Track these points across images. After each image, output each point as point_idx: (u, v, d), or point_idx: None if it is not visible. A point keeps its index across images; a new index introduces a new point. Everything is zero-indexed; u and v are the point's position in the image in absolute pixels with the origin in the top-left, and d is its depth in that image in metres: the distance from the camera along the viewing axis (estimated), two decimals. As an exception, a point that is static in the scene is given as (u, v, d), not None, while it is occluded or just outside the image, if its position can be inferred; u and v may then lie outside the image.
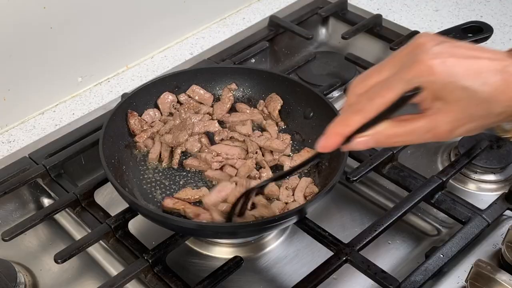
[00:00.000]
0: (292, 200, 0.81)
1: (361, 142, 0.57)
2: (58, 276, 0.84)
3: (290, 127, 0.93)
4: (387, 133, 0.56)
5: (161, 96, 0.93)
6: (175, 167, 0.87)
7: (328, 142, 0.58)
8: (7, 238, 0.79)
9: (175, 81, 0.94)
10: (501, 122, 0.56)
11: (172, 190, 0.84)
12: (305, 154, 0.87)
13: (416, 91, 0.54)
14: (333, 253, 0.76)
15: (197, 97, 0.95)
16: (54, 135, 0.97)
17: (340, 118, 0.57)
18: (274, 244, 0.87)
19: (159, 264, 0.76)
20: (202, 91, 0.95)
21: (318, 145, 0.59)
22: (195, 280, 0.74)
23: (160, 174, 0.87)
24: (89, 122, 0.98)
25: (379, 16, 1.16)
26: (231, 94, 0.95)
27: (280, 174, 0.82)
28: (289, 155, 0.88)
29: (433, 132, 0.55)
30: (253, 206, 0.78)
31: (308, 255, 0.84)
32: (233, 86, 0.96)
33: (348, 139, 0.57)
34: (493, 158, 0.92)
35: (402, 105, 0.55)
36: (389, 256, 0.84)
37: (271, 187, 0.82)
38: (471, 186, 0.92)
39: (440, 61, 0.52)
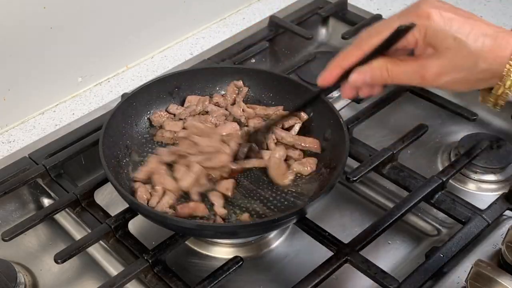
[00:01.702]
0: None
1: (358, 75, 0.62)
2: (58, 276, 0.84)
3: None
4: (381, 67, 0.61)
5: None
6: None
7: (328, 74, 0.64)
8: (7, 238, 0.79)
9: (175, 81, 0.94)
10: (485, 82, 0.60)
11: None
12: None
13: (411, 26, 0.58)
14: (333, 253, 0.76)
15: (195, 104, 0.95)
16: (54, 135, 0.97)
17: (341, 53, 0.63)
18: (274, 244, 0.87)
19: (159, 264, 0.76)
20: (200, 98, 0.94)
21: (319, 78, 0.65)
22: (195, 280, 0.74)
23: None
24: (89, 122, 0.98)
25: (379, 16, 1.16)
26: (236, 91, 0.95)
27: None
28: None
29: (420, 73, 0.59)
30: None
31: (308, 255, 0.84)
32: (240, 83, 0.95)
33: (347, 75, 0.62)
34: (493, 158, 0.92)
35: (396, 39, 0.60)
36: (389, 256, 0.84)
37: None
38: (471, 186, 0.92)
39: (438, 11, 0.58)
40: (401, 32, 0.59)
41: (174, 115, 0.93)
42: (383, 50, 0.61)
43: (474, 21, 0.59)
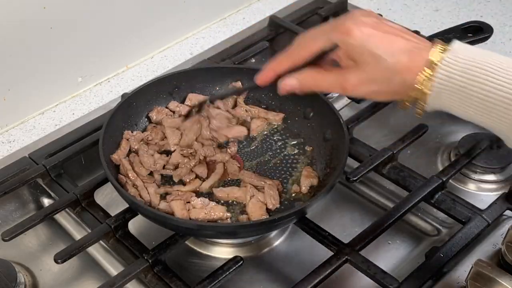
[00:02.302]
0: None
1: (288, 80, 0.69)
2: (58, 276, 0.84)
3: (290, 127, 0.93)
4: (308, 75, 0.68)
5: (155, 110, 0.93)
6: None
7: (263, 75, 0.71)
8: (7, 238, 0.79)
9: (175, 81, 0.94)
10: (401, 94, 0.64)
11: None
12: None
13: (333, 48, 0.65)
14: (333, 253, 0.76)
15: (196, 103, 0.94)
16: (54, 135, 0.97)
17: (276, 58, 0.70)
18: (274, 244, 0.87)
19: (159, 264, 0.76)
20: (200, 97, 0.95)
21: (256, 78, 0.71)
22: (195, 280, 0.74)
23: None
24: (89, 122, 0.98)
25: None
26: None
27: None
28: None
29: (341, 83, 0.65)
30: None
31: (308, 255, 0.84)
32: (238, 84, 0.95)
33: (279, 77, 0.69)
34: (493, 158, 0.92)
35: (323, 56, 0.67)
36: (389, 256, 0.84)
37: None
38: (471, 186, 0.92)
39: (359, 28, 0.62)
40: (326, 52, 0.66)
41: (174, 112, 0.93)
42: (311, 62, 0.68)
43: (394, 36, 0.63)
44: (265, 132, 0.92)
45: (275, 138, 0.91)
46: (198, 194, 0.82)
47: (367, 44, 0.62)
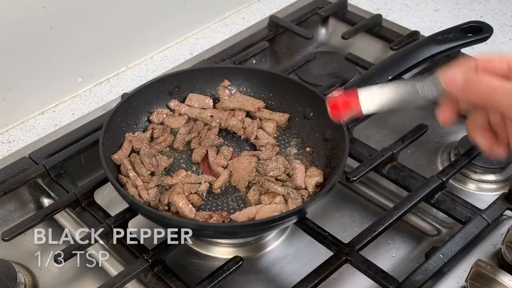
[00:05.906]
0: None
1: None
2: (58, 276, 0.84)
3: (290, 127, 0.93)
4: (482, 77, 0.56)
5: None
6: None
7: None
8: (7, 238, 0.79)
9: (175, 81, 0.94)
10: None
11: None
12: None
13: None
14: (333, 253, 0.76)
15: (196, 104, 0.95)
16: (54, 135, 0.97)
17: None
18: (274, 244, 0.87)
19: (159, 264, 0.76)
20: (201, 97, 0.95)
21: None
22: (195, 280, 0.74)
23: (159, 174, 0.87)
24: (89, 122, 0.98)
25: (379, 16, 1.16)
26: (227, 91, 0.95)
27: None
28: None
29: None
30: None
31: (308, 255, 0.84)
32: (226, 83, 0.96)
33: None
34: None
35: None
36: (389, 256, 0.84)
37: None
38: (471, 186, 0.92)
39: None
40: None
41: (174, 111, 0.93)
42: None
43: None
44: (265, 132, 0.92)
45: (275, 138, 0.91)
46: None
47: None
